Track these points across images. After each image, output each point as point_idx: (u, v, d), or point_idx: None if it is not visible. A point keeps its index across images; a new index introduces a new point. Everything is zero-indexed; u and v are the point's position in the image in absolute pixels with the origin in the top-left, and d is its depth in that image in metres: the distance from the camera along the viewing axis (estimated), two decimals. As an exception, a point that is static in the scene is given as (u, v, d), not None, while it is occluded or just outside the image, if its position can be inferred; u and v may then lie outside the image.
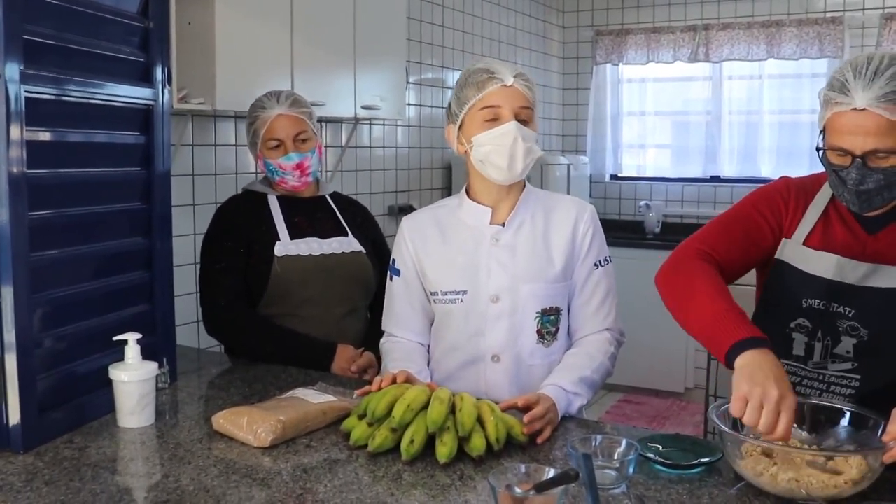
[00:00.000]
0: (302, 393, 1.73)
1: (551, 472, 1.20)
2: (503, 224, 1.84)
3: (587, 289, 1.85)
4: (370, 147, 4.06)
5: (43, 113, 1.55)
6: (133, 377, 1.64)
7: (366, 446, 1.51)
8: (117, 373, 1.64)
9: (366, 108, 3.47)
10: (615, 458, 1.39)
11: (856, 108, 1.47)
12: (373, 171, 4.08)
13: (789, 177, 1.77)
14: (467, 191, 1.89)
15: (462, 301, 1.82)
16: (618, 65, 5.70)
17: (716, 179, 5.48)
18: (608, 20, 5.75)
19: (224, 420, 1.60)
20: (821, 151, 1.58)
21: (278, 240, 2.24)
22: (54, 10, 1.59)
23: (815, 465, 1.33)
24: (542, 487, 1.17)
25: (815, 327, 1.66)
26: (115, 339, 1.66)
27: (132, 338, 1.66)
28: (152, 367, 1.68)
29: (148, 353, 1.70)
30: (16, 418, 1.50)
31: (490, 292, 1.81)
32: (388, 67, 3.64)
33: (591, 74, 5.78)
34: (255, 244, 2.24)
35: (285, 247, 2.24)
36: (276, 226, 2.26)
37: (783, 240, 1.69)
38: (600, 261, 1.86)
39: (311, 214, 2.33)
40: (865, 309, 1.61)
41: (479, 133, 1.76)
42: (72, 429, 1.62)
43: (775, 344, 1.65)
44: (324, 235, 2.30)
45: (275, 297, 2.22)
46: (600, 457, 1.39)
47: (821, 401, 1.55)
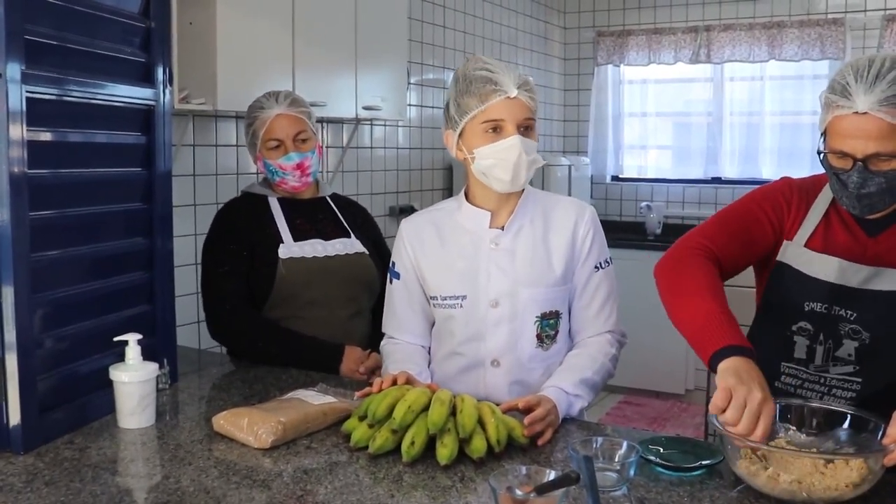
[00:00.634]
0: (302, 394, 1.73)
1: (552, 474, 1.20)
2: (502, 228, 1.82)
3: (588, 291, 1.84)
4: (371, 148, 4.06)
5: (44, 113, 1.55)
6: (133, 378, 1.64)
7: (366, 448, 1.50)
8: (118, 373, 1.64)
9: (367, 108, 3.47)
10: (616, 460, 1.38)
11: (857, 112, 1.47)
12: (374, 171, 4.08)
13: (790, 177, 1.76)
14: (466, 194, 1.87)
15: (461, 306, 1.81)
16: (619, 66, 5.69)
17: (717, 181, 5.48)
18: (609, 21, 5.74)
19: (224, 421, 1.60)
20: (822, 154, 1.57)
21: (281, 242, 2.22)
22: (55, 10, 1.59)
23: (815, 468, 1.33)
24: (542, 489, 1.16)
25: (816, 330, 1.65)
26: (115, 339, 1.66)
27: (133, 338, 1.66)
28: (153, 368, 1.68)
29: (148, 354, 1.70)
30: (16, 419, 1.50)
31: (490, 297, 1.80)
32: (389, 68, 3.64)
33: (593, 75, 5.78)
34: (258, 247, 2.22)
35: (289, 249, 2.22)
36: (279, 228, 2.24)
37: (784, 242, 1.69)
38: (601, 263, 1.84)
39: (312, 216, 2.32)
40: (867, 312, 1.60)
41: (482, 146, 1.74)
42: (72, 429, 1.62)
43: (776, 347, 1.64)
44: (326, 237, 2.29)
45: (279, 299, 2.21)
46: (601, 459, 1.38)
47: (821, 404, 1.54)
